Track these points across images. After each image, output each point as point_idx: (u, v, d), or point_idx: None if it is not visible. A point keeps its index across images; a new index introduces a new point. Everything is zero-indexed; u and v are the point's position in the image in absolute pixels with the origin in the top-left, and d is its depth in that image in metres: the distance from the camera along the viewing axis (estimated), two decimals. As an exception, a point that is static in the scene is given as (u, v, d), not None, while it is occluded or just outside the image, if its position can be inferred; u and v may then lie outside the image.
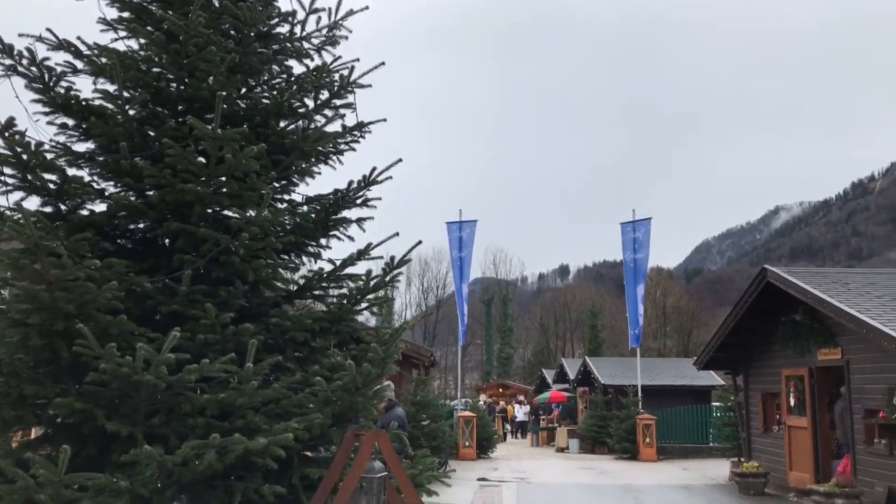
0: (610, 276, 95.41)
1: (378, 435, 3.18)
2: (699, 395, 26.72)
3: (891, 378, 10.58)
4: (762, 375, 15.65)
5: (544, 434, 29.92)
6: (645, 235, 24.30)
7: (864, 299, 11.89)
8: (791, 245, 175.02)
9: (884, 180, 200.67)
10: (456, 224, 23.52)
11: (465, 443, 20.55)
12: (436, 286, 64.99)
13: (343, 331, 4.84)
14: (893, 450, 10.81)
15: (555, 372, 38.72)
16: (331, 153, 5.30)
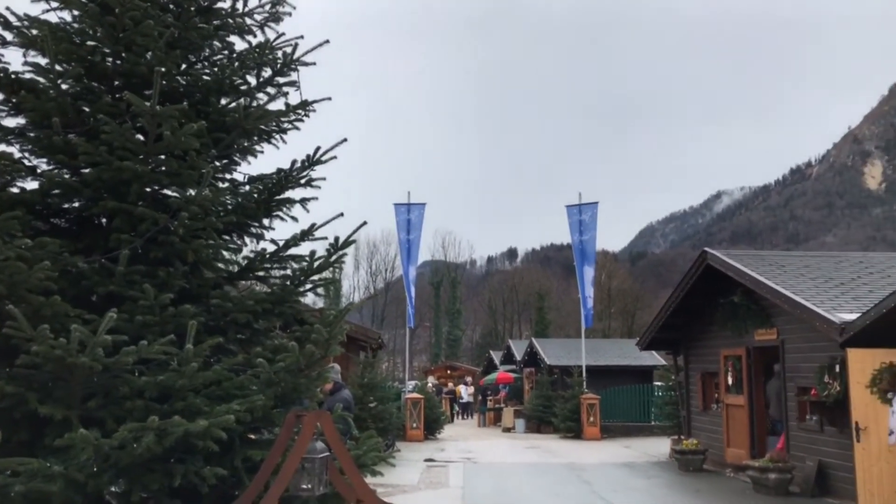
0: (557, 258, 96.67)
1: (320, 416, 3.17)
2: (642, 374, 27.34)
3: (822, 357, 10.99)
4: (702, 355, 16.09)
5: (491, 415, 30.25)
6: (591, 218, 24.64)
7: (799, 281, 12.30)
8: (732, 229, 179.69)
9: (820, 167, 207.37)
10: (404, 206, 23.45)
11: (412, 424, 20.64)
12: (384, 269, 64.91)
13: (286, 312, 4.79)
14: (824, 426, 11.25)
15: (502, 353, 39.15)
16: (274, 132, 5.21)
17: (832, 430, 10.97)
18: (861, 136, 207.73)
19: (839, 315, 10.22)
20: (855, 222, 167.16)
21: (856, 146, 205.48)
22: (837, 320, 10.06)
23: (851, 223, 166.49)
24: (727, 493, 11.69)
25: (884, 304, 9.19)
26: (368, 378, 15.82)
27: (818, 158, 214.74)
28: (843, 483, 10.49)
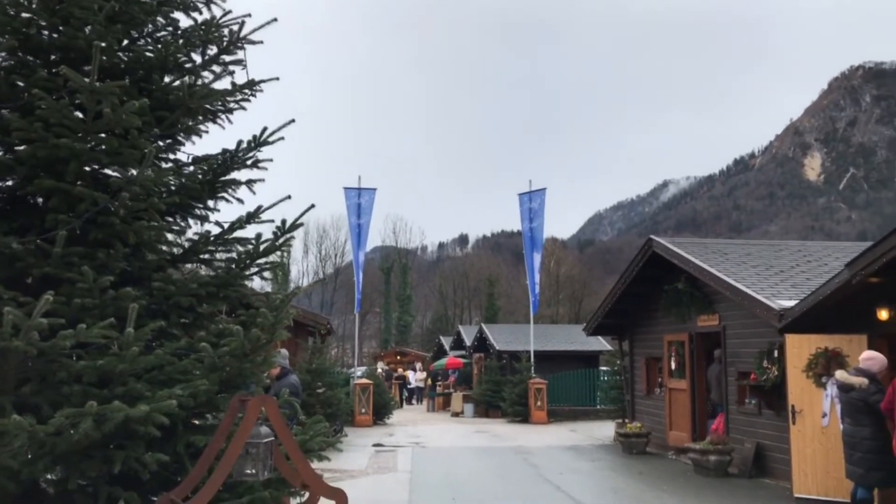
0: (508, 245, 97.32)
1: (264, 400, 3.12)
2: (588, 359, 27.80)
3: (762, 342, 11.32)
4: (646, 341, 16.42)
5: (440, 399, 30.40)
6: (540, 205, 24.85)
7: (741, 269, 12.63)
8: (677, 217, 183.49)
9: (763, 157, 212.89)
10: (354, 190, 23.28)
11: (361, 410, 20.62)
12: (334, 254, 64.37)
13: (231, 296, 4.70)
14: (762, 409, 11.61)
15: (452, 339, 39.29)
16: (220, 111, 5.08)
17: (770, 413, 11.33)
18: (802, 129, 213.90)
19: (778, 302, 10.53)
20: (795, 212, 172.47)
21: (797, 138, 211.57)
22: (776, 307, 10.37)
23: (792, 213, 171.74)
24: (669, 474, 11.99)
25: (820, 291, 9.50)
26: (317, 363, 15.71)
27: (761, 150, 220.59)
28: (779, 464, 10.86)
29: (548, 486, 11.00)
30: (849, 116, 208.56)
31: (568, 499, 9.88)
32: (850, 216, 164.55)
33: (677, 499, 9.77)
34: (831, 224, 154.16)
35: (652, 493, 10.28)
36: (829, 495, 9.33)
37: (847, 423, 7.90)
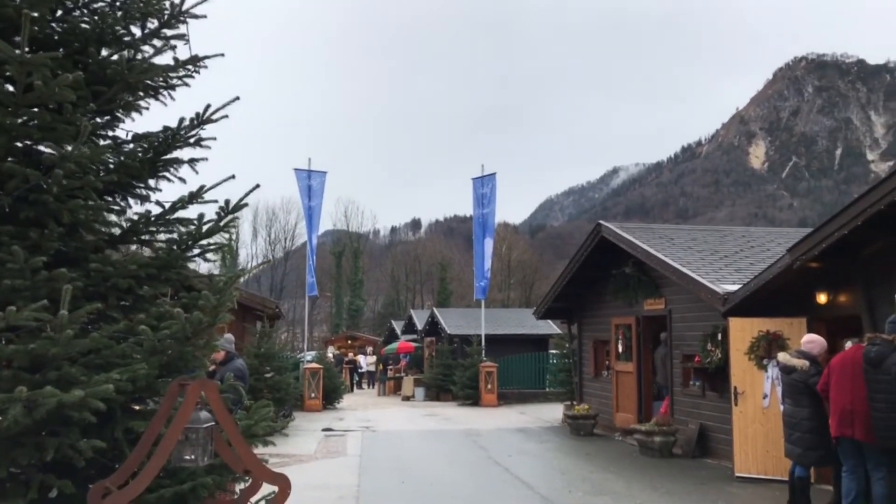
0: (460, 230, 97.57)
1: (204, 384, 3.04)
2: (538, 343, 28.09)
3: (706, 326, 11.55)
4: (594, 324, 16.64)
5: (391, 384, 30.39)
6: (492, 190, 24.90)
7: (687, 254, 12.85)
8: (626, 203, 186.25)
9: (709, 145, 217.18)
10: (305, 172, 22.98)
11: (310, 394, 20.47)
12: (284, 237, 63.61)
13: (173, 278, 4.56)
14: (705, 391, 11.88)
15: (403, 323, 39.31)
16: (161, 87, 4.91)
17: (713, 394, 11.60)
18: (747, 118, 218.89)
19: (722, 286, 10.75)
20: (740, 199, 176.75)
21: (742, 127, 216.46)
22: (721, 291, 10.59)
23: (737, 200, 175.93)
24: (615, 455, 12.20)
25: (763, 276, 9.73)
26: (265, 348, 15.51)
27: (707, 138, 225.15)
28: (722, 444, 11.14)
29: (496, 468, 11.09)
30: (792, 106, 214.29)
31: (516, 480, 9.97)
32: (791, 203, 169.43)
33: (622, 479, 9.94)
34: (774, 211, 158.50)
35: (598, 473, 10.44)
36: (769, 474, 9.61)
37: (787, 404, 8.12)
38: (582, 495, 8.88)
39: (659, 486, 9.35)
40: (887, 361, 6.49)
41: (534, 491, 9.20)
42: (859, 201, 7.84)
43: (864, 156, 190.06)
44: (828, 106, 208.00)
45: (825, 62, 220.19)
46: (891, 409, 6.43)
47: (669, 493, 8.96)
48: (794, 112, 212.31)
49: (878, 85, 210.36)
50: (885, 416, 6.49)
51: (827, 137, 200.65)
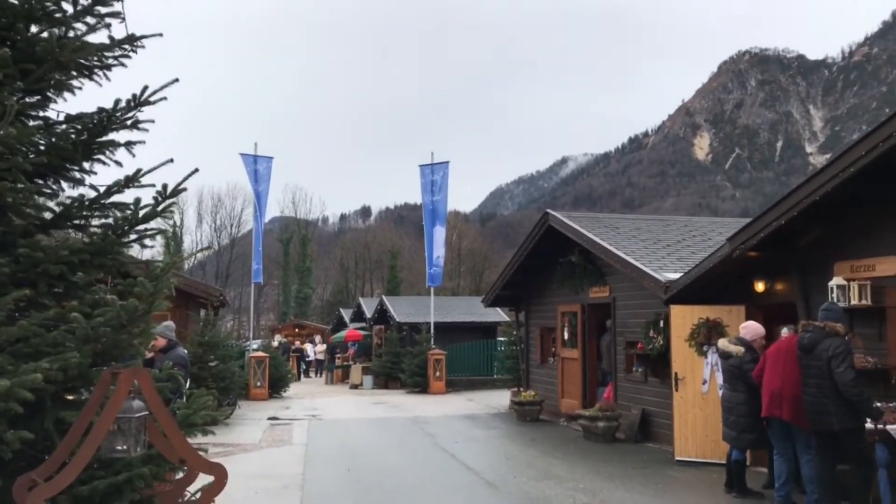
0: (411, 218, 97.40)
1: (137, 373, 2.96)
2: (486, 330, 28.25)
3: (649, 313, 11.78)
4: (541, 312, 16.82)
5: (339, 372, 30.23)
6: (443, 178, 24.87)
7: (631, 243, 13.07)
8: (575, 193, 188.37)
9: (655, 136, 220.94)
10: (251, 157, 22.59)
11: (256, 383, 20.23)
12: (230, 224, 62.54)
13: (108, 264, 4.43)
14: (648, 377, 12.12)
15: (352, 311, 39.08)
16: (96, 67, 4.74)
17: (655, 380, 11.85)
18: (692, 110, 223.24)
19: (664, 274, 10.97)
20: (685, 190, 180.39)
21: (687, 119, 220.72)
22: (663, 279, 10.80)
23: (681, 191, 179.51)
24: (559, 440, 12.37)
25: (703, 264, 9.95)
26: (209, 336, 15.24)
27: (654, 129, 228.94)
28: (663, 429, 11.39)
29: (443, 454, 11.14)
30: (736, 99, 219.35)
31: (462, 467, 10.04)
32: (734, 194, 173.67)
33: (566, 464, 10.09)
34: (717, 201, 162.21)
35: (543, 459, 10.58)
36: (707, 457, 9.87)
37: (725, 389, 8.35)
38: (526, 480, 8.98)
39: (601, 471, 9.52)
40: (819, 348, 6.72)
41: (479, 477, 9.27)
42: (795, 193, 8.06)
43: (803, 148, 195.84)
44: (770, 99, 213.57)
45: (767, 56, 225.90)
46: (821, 393, 6.66)
47: (611, 476, 9.13)
48: (738, 105, 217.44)
49: (816, 80, 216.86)
50: (815, 400, 6.72)
51: (768, 130, 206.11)
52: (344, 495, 8.37)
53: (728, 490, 8.11)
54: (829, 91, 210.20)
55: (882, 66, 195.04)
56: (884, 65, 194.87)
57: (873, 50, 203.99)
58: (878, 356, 7.76)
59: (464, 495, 8.25)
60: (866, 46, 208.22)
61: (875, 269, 7.92)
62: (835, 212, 8.17)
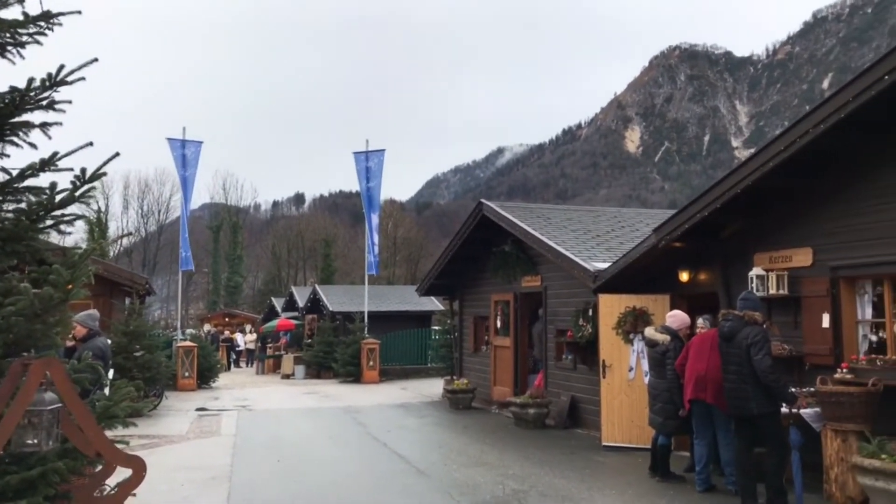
0: (346, 206, 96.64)
1: (49, 364, 2.84)
2: (421, 319, 28.31)
3: (578, 302, 12.00)
4: (475, 300, 16.94)
5: (271, 362, 29.82)
6: (378, 165, 24.73)
7: (562, 233, 13.27)
8: (510, 183, 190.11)
9: (588, 129, 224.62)
10: (179, 141, 21.97)
11: (184, 373, 19.78)
12: (158, 210, 60.77)
13: (21, 251, 4.24)
14: (577, 364, 12.36)
15: (284, 300, 38.57)
16: (8, 44, 4.52)
17: (584, 367, 12.09)
18: (624, 103, 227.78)
19: (593, 264, 11.18)
20: (616, 181, 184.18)
21: (619, 112, 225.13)
22: (592, 269, 11.02)
23: (613, 182, 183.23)
24: (491, 428, 12.51)
25: (630, 254, 10.18)
26: (134, 325, 14.79)
27: (587, 121, 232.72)
28: (591, 415, 11.64)
29: (375, 443, 11.12)
30: (666, 93, 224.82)
31: (393, 455, 10.04)
32: (663, 186, 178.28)
33: (496, 450, 10.21)
34: (647, 193, 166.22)
35: (475, 445, 10.68)
36: (633, 442, 10.14)
37: (651, 376, 8.59)
38: (457, 467, 9.05)
39: (531, 456, 9.67)
40: (738, 336, 6.96)
41: (410, 465, 9.30)
42: (718, 186, 8.33)
43: (729, 143, 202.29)
44: (698, 94, 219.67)
45: (697, 52, 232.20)
46: (741, 380, 6.91)
47: (540, 462, 9.29)
48: (668, 99, 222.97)
49: (743, 76, 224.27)
50: (735, 386, 6.97)
51: (697, 124, 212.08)
52: (273, 486, 8.27)
53: (652, 474, 8.35)
54: (754, 87, 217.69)
55: (803, 65, 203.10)
56: (805, 63, 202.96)
57: (795, 49, 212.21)
58: (793, 343, 8.11)
59: (394, 484, 8.26)
60: (789, 45, 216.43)
61: (792, 260, 8.25)
62: (755, 204, 8.48)
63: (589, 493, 7.67)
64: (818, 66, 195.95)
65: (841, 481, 6.90)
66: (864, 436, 6.72)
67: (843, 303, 7.74)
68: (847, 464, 6.77)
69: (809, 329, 7.97)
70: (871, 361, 7.27)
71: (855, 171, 7.58)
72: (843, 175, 7.71)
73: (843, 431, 6.87)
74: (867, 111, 6.72)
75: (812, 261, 8.01)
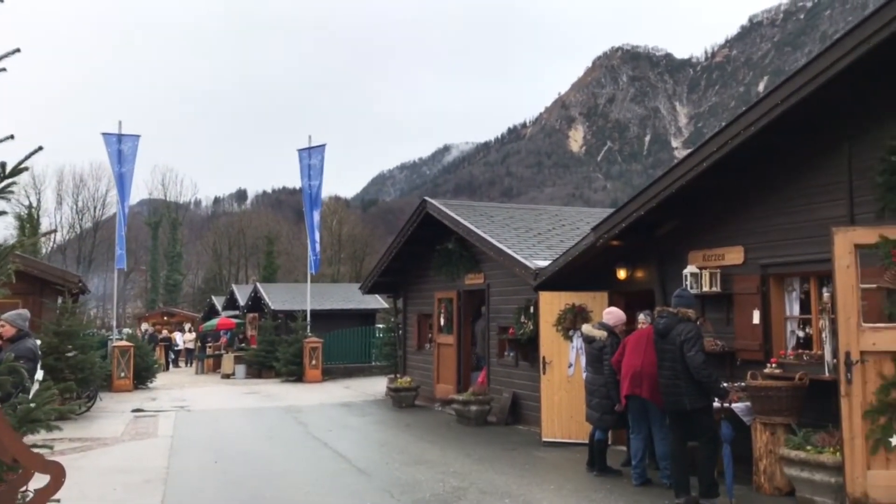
0: (290, 202, 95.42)
1: (-40, 366, 2.71)
2: (365, 317, 28.17)
3: (520, 299, 12.10)
4: (419, 298, 16.93)
5: (210, 361, 29.28)
6: (320, 162, 24.49)
7: (504, 231, 13.37)
8: (456, 181, 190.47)
9: (533, 127, 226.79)
10: (115, 136, 21.33)
11: (120, 374, 19.26)
12: (93, 206, 58.86)
13: (-65, 248, 4.06)
14: (519, 361, 12.47)
15: (225, 299, 37.91)
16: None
17: (525, 364, 12.21)
18: (568, 103, 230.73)
19: (535, 262, 11.30)
20: (560, 180, 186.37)
21: (563, 111, 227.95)
22: (533, 266, 11.13)
23: (557, 181, 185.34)
24: (433, 425, 12.53)
25: (570, 252, 10.31)
26: (67, 325, 14.31)
27: (532, 120, 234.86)
28: (531, 411, 11.76)
29: (315, 443, 11.02)
30: (608, 94, 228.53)
31: (334, 455, 9.96)
32: (606, 185, 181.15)
33: (438, 448, 10.23)
34: (590, 192, 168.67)
35: (416, 444, 10.68)
36: (573, 438, 10.28)
37: (588, 372, 8.71)
38: (398, 466, 9.03)
39: (472, 453, 9.71)
40: (673, 332, 7.11)
41: (351, 464, 9.23)
42: (654, 185, 8.50)
43: (669, 143, 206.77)
44: (639, 95, 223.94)
45: (638, 53, 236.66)
46: (675, 375, 7.06)
47: (481, 459, 9.34)
48: (610, 99, 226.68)
49: (682, 78, 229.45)
50: (670, 382, 7.12)
51: (638, 124, 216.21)
52: (210, 488, 8.11)
53: (590, 469, 8.48)
54: (693, 89, 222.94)
55: (740, 68, 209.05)
56: (742, 66, 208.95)
57: (732, 52, 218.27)
58: (726, 339, 8.34)
59: (334, 484, 8.19)
60: (727, 48, 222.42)
61: (724, 259, 8.48)
62: (690, 204, 8.68)
63: (528, 488, 7.74)
64: (754, 69, 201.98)
65: (769, 472, 7.13)
66: (791, 428, 6.97)
67: (773, 300, 7.99)
68: (775, 455, 7.01)
69: (741, 325, 8.21)
70: (798, 356, 7.54)
71: (785, 173, 7.83)
72: (773, 176, 7.95)
73: (771, 424, 7.10)
74: (796, 114, 6.95)
75: (743, 259, 8.24)
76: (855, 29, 6.12)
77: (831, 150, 7.29)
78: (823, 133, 7.35)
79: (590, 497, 7.39)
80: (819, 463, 6.38)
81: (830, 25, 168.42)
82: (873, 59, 6.18)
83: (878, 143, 6.75)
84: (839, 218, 7.05)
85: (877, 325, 6.24)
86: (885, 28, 5.86)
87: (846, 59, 6.20)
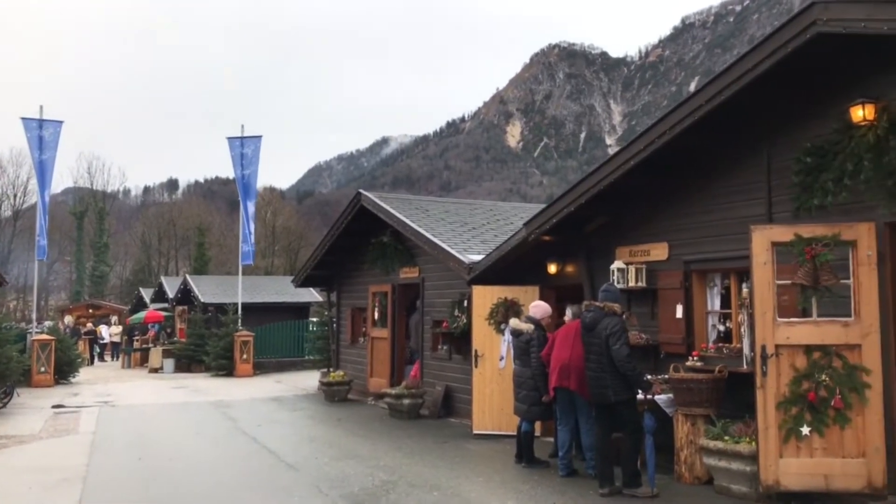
0: (223, 193, 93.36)
1: None
2: (298, 311, 27.83)
3: (455, 293, 12.16)
4: (353, 292, 16.82)
5: (137, 355, 28.46)
6: (254, 152, 24.10)
7: (439, 225, 13.39)
8: (394, 174, 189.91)
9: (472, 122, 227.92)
10: (35, 121, 20.48)
11: (40, 368, 18.56)
12: (13, 194, 56.32)
13: None
14: (452, 354, 12.53)
15: (154, 291, 36.90)
16: None
17: (458, 357, 12.28)
18: (506, 98, 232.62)
19: (468, 256, 11.36)
20: (497, 175, 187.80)
21: (501, 107, 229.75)
22: (466, 261, 11.19)
23: (494, 176, 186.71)
24: (365, 419, 12.49)
25: (503, 247, 10.41)
26: (-18, 318, 13.70)
27: (470, 115, 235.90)
28: (463, 404, 11.83)
29: (244, 438, 10.84)
30: (545, 90, 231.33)
31: (263, 450, 9.83)
32: (542, 181, 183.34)
33: (369, 442, 10.20)
34: (526, 187, 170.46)
35: (347, 438, 10.62)
36: (502, 430, 10.38)
37: (516, 365, 8.82)
38: (328, 461, 8.97)
39: (403, 447, 9.72)
40: (599, 326, 7.26)
41: (280, 459, 9.12)
42: (583, 182, 8.65)
43: (603, 140, 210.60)
44: (575, 92, 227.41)
45: (575, 51, 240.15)
46: (601, 368, 7.20)
47: (412, 452, 9.35)
48: (547, 96, 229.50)
49: (617, 76, 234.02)
50: (596, 374, 7.27)
51: (574, 121, 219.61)
52: (131, 486, 7.89)
53: (518, 460, 8.58)
54: (627, 87, 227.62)
55: (672, 68, 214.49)
56: (674, 66, 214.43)
57: (665, 52, 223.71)
58: (650, 333, 8.56)
59: (262, 480, 8.08)
60: (660, 49, 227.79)
61: (650, 254, 8.69)
62: (618, 201, 8.86)
63: (457, 481, 7.79)
64: (686, 69, 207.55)
65: (690, 462, 7.35)
66: (710, 419, 7.20)
67: (695, 295, 8.24)
68: (695, 446, 7.23)
69: (665, 319, 8.43)
70: (718, 350, 7.79)
71: (708, 172, 8.06)
72: (697, 175, 8.18)
73: (692, 416, 7.32)
74: (718, 115, 7.16)
75: (668, 255, 8.46)
76: (774, 34, 6.34)
77: (751, 151, 7.55)
78: (743, 134, 7.60)
79: (517, 489, 7.48)
80: (736, 452, 6.62)
81: (758, 29, 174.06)
82: (791, 64, 6.41)
83: (794, 145, 7.02)
84: (758, 216, 7.30)
85: (791, 320, 6.50)
86: (802, 34, 6.08)
87: (766, 63, 6.41)
